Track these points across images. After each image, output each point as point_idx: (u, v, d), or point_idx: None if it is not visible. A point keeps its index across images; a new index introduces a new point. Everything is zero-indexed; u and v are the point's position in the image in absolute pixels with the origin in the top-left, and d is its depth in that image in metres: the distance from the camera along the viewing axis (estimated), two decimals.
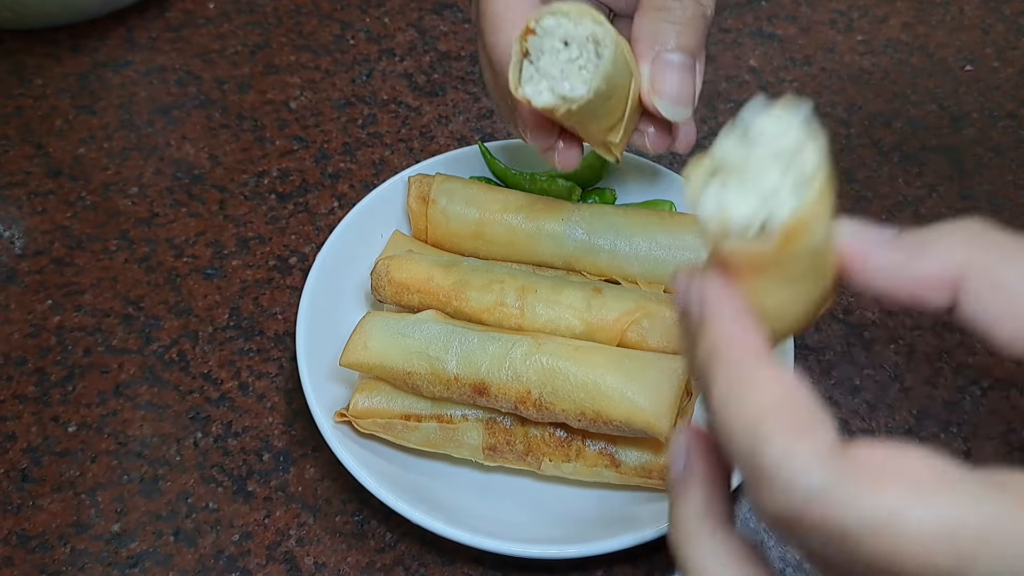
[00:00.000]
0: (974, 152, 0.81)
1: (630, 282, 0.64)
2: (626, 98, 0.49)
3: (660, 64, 0.49)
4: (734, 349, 0.31)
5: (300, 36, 0.91)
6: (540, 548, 0.53)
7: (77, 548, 0.58)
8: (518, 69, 0.46)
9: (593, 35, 0.44)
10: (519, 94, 0.46)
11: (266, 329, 0.69)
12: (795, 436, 0.28)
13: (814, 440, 0.28)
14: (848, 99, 0.85)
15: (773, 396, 0.30)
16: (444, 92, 0.86)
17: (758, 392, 0.30)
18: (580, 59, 0.45)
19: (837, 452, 0.28)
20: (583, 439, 0.57)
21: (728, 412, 0.30)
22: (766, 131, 0.29)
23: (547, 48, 0.45)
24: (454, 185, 0.67)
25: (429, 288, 0.61)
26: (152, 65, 0.88)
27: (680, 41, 0.48)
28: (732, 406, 0.30)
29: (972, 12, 0.94)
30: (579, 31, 0.45)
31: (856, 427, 0.64)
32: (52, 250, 0.74)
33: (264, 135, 0.82)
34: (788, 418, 0.29)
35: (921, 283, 0.33)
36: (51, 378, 0.66)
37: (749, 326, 0.32)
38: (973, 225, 0.33)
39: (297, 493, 0.61)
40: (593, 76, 0.45)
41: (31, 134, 0.82)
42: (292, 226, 0.76)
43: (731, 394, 0.30)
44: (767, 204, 0.29)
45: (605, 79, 0.45)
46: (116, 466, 0.62)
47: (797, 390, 0.30)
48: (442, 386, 0.57)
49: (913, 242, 0.33)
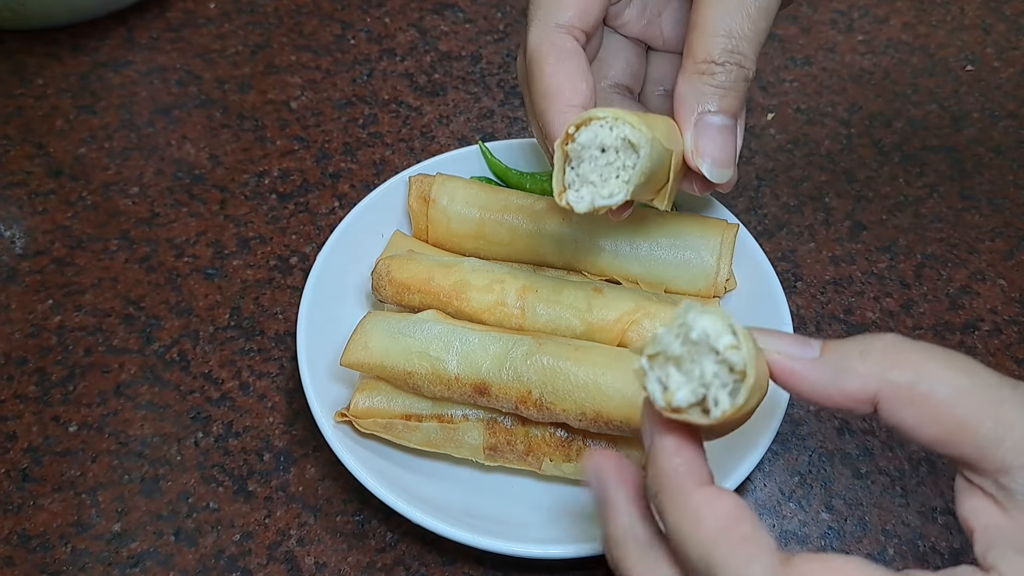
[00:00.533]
0: (975, 152, 0.81)
1: (631, 282, 0.64)
2: (669, 168, 0.49)
3: (702, 127, 0.49)
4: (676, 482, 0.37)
5: (301, 36, 0.91)
6: (541, 548, 0.53)
7: (78, 548, 0.58)
8: (562, 175, 0.47)
9: (628, 139, 0.45)
10: (562, 202, 0.47)
11: (267, 329, 0.69)
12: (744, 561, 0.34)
13: (761, 563, 0.34)
14: (849, 99, 0.85)
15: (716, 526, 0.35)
16: (445, 92, 0.86)
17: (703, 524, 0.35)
18: (617, 162, 0.46)
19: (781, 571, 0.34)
20: (584, 439, 0.57)
21: (682, 540, 0.36)
22: (708, 331, 0.35)
23: (586, 156, 0.46)
24: (455, 185, 0.67)
25: (430, 288, 0.61)
26: (153, 65, 0.88)
27: (722, 104, 0.49)
28: (685, 537, 0.36)
29: (973, 12, 0.94)
30: (614, 135, 0.46)
31: (857, 427, 0.64)
32: (53, 250, 0.74)
33: (265, 135, 0.82)
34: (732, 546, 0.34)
35: (844, 400, 0.38)
36: (52, 378, 0.66)
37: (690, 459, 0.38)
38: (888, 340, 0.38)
39: (298, 493, 0.61)
40: (630, 180, 0.46)
41: (32, 134, 0.82)
42: (293, 226, 0.76)
43: (682, 526, 0.36)
44: (703, 388, 0.36)
45: (643, 175, 0.46)
46: (117, 466, 0.62)
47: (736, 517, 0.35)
48: (443, 386, 0.57)
49: (836, 362, 0.38)
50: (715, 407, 0.36)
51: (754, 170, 0.80)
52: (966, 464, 0.37)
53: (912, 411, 0.37)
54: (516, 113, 0.84)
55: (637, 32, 0.57)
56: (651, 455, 0.39)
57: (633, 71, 0.58)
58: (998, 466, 0.36)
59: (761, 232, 0.75)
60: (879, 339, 0.38)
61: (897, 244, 0.75)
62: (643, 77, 0.59)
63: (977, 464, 0.37)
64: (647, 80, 0.59)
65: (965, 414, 0.36)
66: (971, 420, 0.36)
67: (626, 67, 0.57)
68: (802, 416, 0.64)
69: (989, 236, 0.75)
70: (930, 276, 0.73)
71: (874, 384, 0.37)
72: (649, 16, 0.57)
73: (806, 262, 0.73)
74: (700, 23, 0.48)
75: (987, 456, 0.36)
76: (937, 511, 0.60)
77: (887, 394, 0.37)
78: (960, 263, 0.73)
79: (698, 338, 0.36)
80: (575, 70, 0.50)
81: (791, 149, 0.81)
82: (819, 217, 0.76)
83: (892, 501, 0.61)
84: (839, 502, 0.61)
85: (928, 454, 0.63)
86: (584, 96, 0.50)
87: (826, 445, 0.63)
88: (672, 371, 0.36)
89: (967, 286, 0.72)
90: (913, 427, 0.37)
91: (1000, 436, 0.36)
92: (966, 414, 0.36)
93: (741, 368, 0.35)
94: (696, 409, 0.36)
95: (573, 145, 0.46)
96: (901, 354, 0.37)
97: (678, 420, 0.37)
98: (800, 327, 0.69)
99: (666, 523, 0.37)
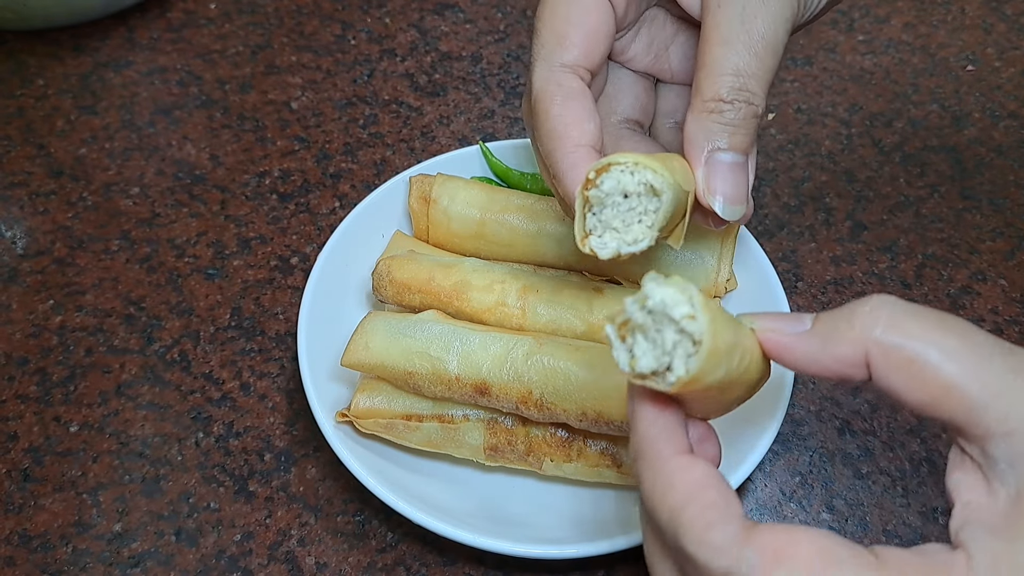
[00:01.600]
0: (975, 152, 0.81)
1: (631, 282, 0.64)
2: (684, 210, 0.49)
3: (713, 165, 0.49)
4: (652, 450, 0.38)
5: (301, 36, 0.91)
6: (541, 548, 0.53)
7: (79, 548, 0.58)
8: (583, 221, 0.47)
9: (650, 184, 0.45)
10: (586, 249, 0.47)
11: (267, 329, 0.69)
12: (707, 526, 0.35)
13: (723, 529, 0.35)
14: (849, 99, 0.85)
15: (684, 492, 0.36)
16: (445, 92, 0.86)
17: (673, 489, 0.37)
18: (639, 207, 0.46)
19: (742, 538, 0.35)
20: (584, 439, 0.57)
21: (653, 504, 0.37)
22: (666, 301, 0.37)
23: (608, 203, 0.46)
24: (455, 185, 0.67)
25: (430, 288, 0.61)
26: (153, 65, 0.88)
27: (732, 141, 0.49)
28: (656, 501, 0.37)
29: (973, 12, 0.94)
30: (636, 180, 0.45)
31: (858, 427, 0.64)
32: (54, 250, 0.74)
33: (265, 135, 0.82)
34: (698, 511, 0.36)
35: (837, 366, 0.38)
36: (53, 378, 0.66)
37: (667, 427, 0.39)
38: (876, 301, 0.37)
39: (298, 493, 0.61)
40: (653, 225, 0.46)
41: (33, 134, 0.82)
42: (293, 226, 0.76)
43: (654, 491, 0.37)
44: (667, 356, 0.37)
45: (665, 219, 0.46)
46: (118, 466, 0.62)
47: (705, 484, 0.37)
48: (443, 386, 0.57)
49: (826, 330, 0.38)
50: (670, 373, 0.37)
51: None
52: (956, 430, 0.37)
53: (901, 373, 0.36)
54: (516, 114, 0.84)
55: (645, 66, 0.57)
56: (632, 422, 0.40)
57: (642, 105, 0.57)
58: (983, 432, 0.35)
59: (762, 232, 0.75)
60: (867, 301, 0.38)
61: (898, 244, 0.75)
62: (653, 111, 0.59)
63: (965, 429, 0.36)
64: (657, 113, 0.59)
65: (952, 376, 0.35)
66: (959, 383, 0.35)
67: (635, 102, 0.57)
68: (803, 416, 0.64)
69: (990, 236, 0.75)
70: (931, 276, 0.73)
71: (863, 347, 0.37)
72: (656, 50, 0.57)
73: (807, 262, 0.73)
74: (707, 62, 0.48)
75: (974, 421, 0.35)
76: (938, 511, 0.60)
77: (876, 356, 0.37)
78: (961, 263, 0.73)
79: (655, 307, 0.37)
80: (581, 110, 0.50)
81: (792, 149, 0.81)
82: (820, 217, 0.76)
83: (893, 501, 0.61)
84: (840, 502, 0.61)
85: (928, 454, 0.63)
86: (591, 136, 0.50)
87: (827, 445, 0.63)
88: (640, 339, 0.38)
89: (968, 286, 0.72)
90: (902, 390, 0.36)
91: (986, 401, 0.35)
92: (953, 376, 0.35)
93: (699, 338, 0.36)
94: (661, 378, 0.38)
95: (596, 191, 0.46)
96: (890, 316, 0.37)
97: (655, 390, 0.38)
98: None
99: (641, 488, 0.38)
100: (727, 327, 0.38)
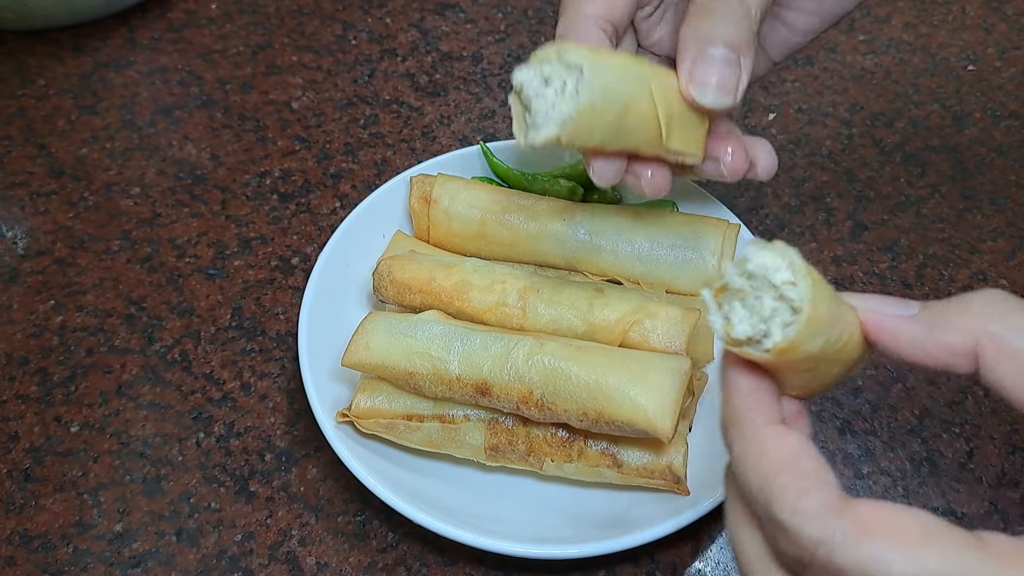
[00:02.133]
0: (976, 152, 0.81)
1: (632, 282, 0.64)
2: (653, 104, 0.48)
3: (700, 59, 0.48)
4: (746, 418, 0.38)
5: (302, 36, 0.91)
6: (542, 548, 0.53)
7: (79, 548, 0.58)
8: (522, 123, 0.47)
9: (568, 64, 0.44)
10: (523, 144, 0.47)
11: (268, 329, 0.69)
12: (799, 494, 0.34)
13: (818, 497, 0.34)
14: (850, 99, 0.85)
15: (778, 460, 0.35)
16: (446, 92, 0.86)
17: (766, 457, 0.36)
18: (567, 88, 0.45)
19: (838, 507, 0.34)
20: (585, 439, 0.57)
21: (744, 471, 0.36)
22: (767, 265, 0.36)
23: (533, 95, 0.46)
24: (456, 185, 0.67)
25: (431, 288, 0.61)
26: (154, 65, 0.88)
27: (726, 37, 0.48)
28: (747, 468, 0.36)
29: (974, 12, 0.94)
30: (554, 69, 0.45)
31: (859, 427, 0.64)
32: (54, 250, 0.74)
33: (266, 135, 0.82)
34: (792, 479, 0.35)
35: (943, 354, 0.37)
36: (53, 378, 0.66)
37: (762, 399, 0.38)
38: (991, 295, 0.37)
39: (299, 493, 0.61)
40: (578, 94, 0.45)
41: (33, 134, 0.82)
42: (294, 226, 0.76)
43: (746, 458, 0.37)
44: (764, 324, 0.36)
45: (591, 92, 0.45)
46: (118, 466, 0.62)
47: (800, 453, 0.36)
48: (444, 386, 0.57)
49: (934, 316, 0.37)
50: (767, 340, 0.36)
51: None
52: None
53: (1012, 368, 0.35)
54: None
55: (669, 51, 0.57)
56: (725, 393, 0.39)
57: None
58: None
59: (762, 232, 0.75)
60: (982, 293, 0.37)
61: (899, 244, 0.75)
62: None
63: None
64: None
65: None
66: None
67: None
68: None
69: (991, 236, 0.75)
70: (932, 276, 0.73)
71: (974, 337, 0.36)
72: None
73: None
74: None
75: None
76: (939, 511, 0.60)
77: (988, 348, 0.36)
78: (962, 263, 0.73)
79: (755, 271, 0.37)
80: None
81: (792, 149, 0.81)
82: (820, 217, 0.76)
83: (894, 501, 0.60)
84: None
85: (929, 454, 0.63)
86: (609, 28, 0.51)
87: (828, 445, 0.63)
88: (736, 305, 0.37)
89: (969, 286, 0.72)
90: (1011, 386, 0.35)
91: None
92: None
93: (799, 305, 0.36)
94: (757, 345, 0.37)
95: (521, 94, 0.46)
96: (1007, 310, 0.36)
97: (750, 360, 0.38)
98: None
99: (732, 455, 0.38)
100: (828, 298, 0.37)
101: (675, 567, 0.58)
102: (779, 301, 0.36)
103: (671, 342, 0.58)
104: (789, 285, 0.36)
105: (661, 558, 0.58)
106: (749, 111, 0.84)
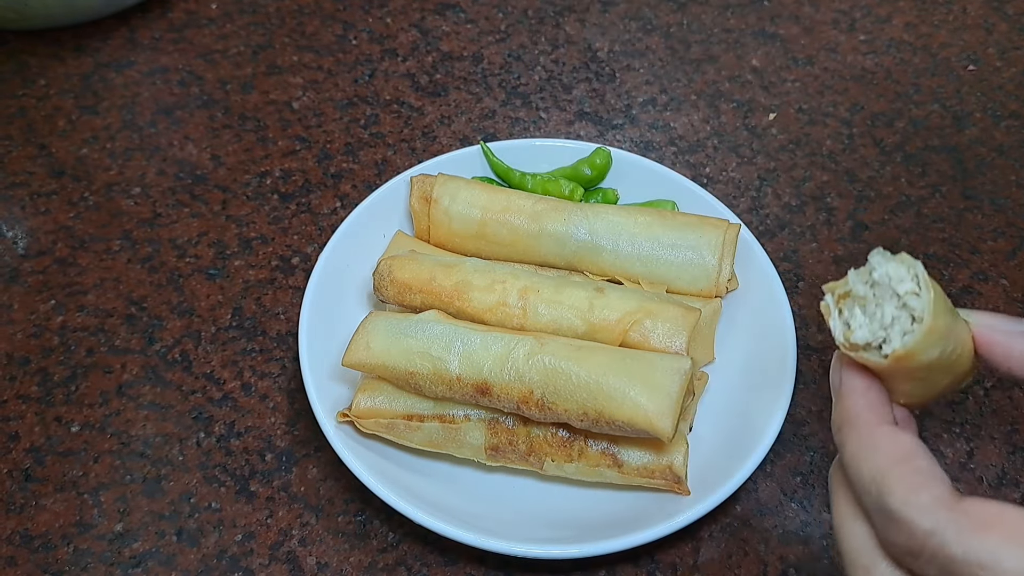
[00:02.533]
0: (977, 152, 0.81)
1: (632, 282, 0.64)
2: None
3: None
4: (860, 418, 0.39)
5: (302, 36, 0.91)
6: (542, 548, 0.53)
7: (80, 548, 0.58)
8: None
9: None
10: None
11: (268, 329, 0.69)
12: (913, 487, 0.35)
13: (930, 491, 0.35)
14: (851, 99, 0.85)
15: (892, 455, 0.37)
16: (446, 92, 0.86)
17: (880, 452, 0.37)
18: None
19: (951, 502, 0.35)
20: (585, 439, 0.57)
21: (858, 466, 0.38)
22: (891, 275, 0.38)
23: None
24: (456, 185, 0.67)
25: (431, 288, 0.61)
26: (155, 65, 0.88)
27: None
28: (861, 463, 0.38)
29: (975, 12, 0.94)
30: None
31: None
32: (55, 250, 0.74)
33: (266, 135, 0.82)
34: (906, 473, 0.36)
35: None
36: (54, 378, 0.66)
37: (874, 400, 0.40)
38: None
39: (299, 493, 0.61)
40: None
41: (34, 134, 0.82)
42: (294, 226, 0.76)
43: (859, 453, 0.38)
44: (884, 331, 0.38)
45: None
46: (119, 466, 0.62)
47: (913, 452, 0.37)
48: (444, 386, 0.57)
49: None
50: (886, 346, 0.38)
51: (756, 170, 0.80)
52: None
53: None
54: (517, 113, 0.84)
55: None
56: (839, 394, 0.41)
57: None
58: None
59: (763, 232, 0.75)
60: None
61: (899, 244, 0.75)
62: None
63: None
64: None
65: None
66: None
67: None
68: (804, 417, 0.64)
69: (991, 236, 0.75)
70: (932, 276, 0.72)
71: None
72: None
73: (808, 262, 0.73)
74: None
75: None
76: None
77: None
78: (962, 263, 0.73)
79: (879, 280, 0.38)
80: None
81: (793, 149, 0.81)
82: (821, 217, 0.76)
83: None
84: None
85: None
86: None
87: (828, 446, 0.63)
88: (857, 311, 0.39)
89: (969, 286, 0.72)
90: None
91: None
92: None
93: (920, 314, 0.37)
94: (875, 351, 0.38)
95: None
96: None
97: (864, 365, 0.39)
98: (802, 327, 0.69)
99: (844, 454, 0.39)
100: (946, 310, 0.38)
101: (675, 567, 0.58)
102: (901, 310, 0.38)
103: (671, 342, 0.58)
104: (912, 295, 0.37)
105: (661, 558, 0.58)
106: (750, 111, 0.85)
